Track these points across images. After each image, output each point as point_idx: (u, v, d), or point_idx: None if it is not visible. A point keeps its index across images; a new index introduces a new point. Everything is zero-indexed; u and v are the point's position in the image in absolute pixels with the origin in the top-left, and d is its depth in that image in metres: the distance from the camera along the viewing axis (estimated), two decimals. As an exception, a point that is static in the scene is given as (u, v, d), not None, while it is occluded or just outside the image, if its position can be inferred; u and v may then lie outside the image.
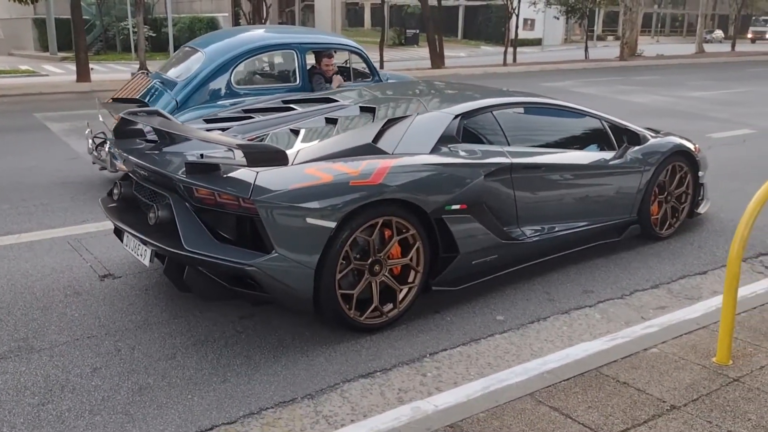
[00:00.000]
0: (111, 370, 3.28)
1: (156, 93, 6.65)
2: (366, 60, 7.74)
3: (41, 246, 4.99)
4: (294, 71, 7.05)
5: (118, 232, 4.09)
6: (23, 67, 22.95)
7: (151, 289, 4.22)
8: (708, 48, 38.11)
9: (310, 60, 7.43)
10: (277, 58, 7.62)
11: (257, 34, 7.63)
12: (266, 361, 3.40)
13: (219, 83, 6.58)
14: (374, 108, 4.29)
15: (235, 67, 6.67)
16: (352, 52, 7.73)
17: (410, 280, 3.78)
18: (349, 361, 3.42)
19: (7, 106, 13.00)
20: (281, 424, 2.89)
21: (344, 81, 7.39)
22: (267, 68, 7.80)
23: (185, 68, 6.85)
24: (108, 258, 4.72)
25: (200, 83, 6.54)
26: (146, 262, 3.67)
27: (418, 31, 37.67)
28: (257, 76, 7.51)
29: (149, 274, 4.38)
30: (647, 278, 4.54)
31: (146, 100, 6.59)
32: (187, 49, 7.40)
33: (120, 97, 6.90)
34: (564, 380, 3.08)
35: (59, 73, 21.12)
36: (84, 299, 4.07)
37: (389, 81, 7.74)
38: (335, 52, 7.51)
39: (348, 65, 7.94)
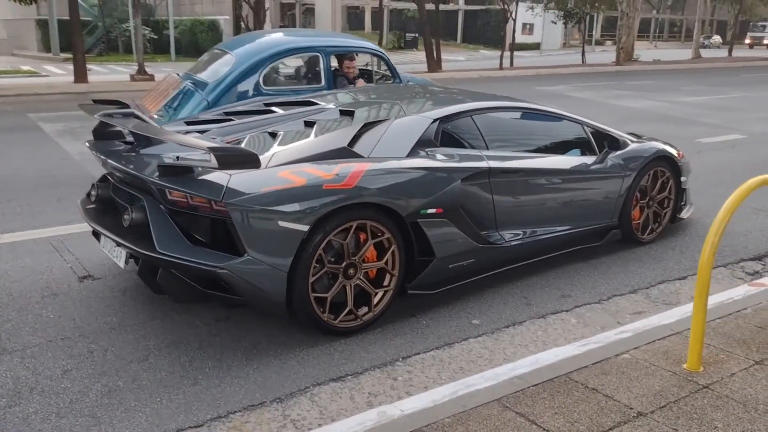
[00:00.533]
0: (82, 372, 3.28)
1: (187, 93, 6.82)
2: (387, 62, 7.97)
3: (23, 247, 4.99)
4: (319, 73, 7.24)
5: (96, 234, 4.10)
6: (24, 68, 22.96)
7: (129, 291, 4.22)
8: (705, 53, 38.18)
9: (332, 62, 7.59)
10: (303, 61, 7.80)
11: (284, 37, 7.83)
12: (238, 364, 3.40)
13: (248, 84, 6.75)
14: (353, 111, 4.29)
15: (263, 69, 6.84)
16: (374, 55, 8.03)
17: (385, 283, 3.78)
18: (321, 364, 3.41)
19: (2, 106, 13.00)
20: (248, 428, 2.88)
21: (366, 83, 7.55)
22: (293, 70, 7.99)
23: (215, 70, 7.01)
24: (89, 259, 4.71)
25: (230, 84, 6.71)
26: (121, 263, 3.68)
27: (417, 35, 37.66)
28: (284, 77, 7.70)
29: (129, 276, 4.38)
30: (626, 283, 4.54)
31: (178, 101, 6.77)
32: (216, 51, 7.60)
33: (147, 99, 7.03)
34: (533, 386, 3.08)
35: (60, 74, 21.10)
36: (61, 300, 4.07)
37: (409, 83, 7.87)
38: (357, 54, 7.69)
39: (370, 68, 8.15)
